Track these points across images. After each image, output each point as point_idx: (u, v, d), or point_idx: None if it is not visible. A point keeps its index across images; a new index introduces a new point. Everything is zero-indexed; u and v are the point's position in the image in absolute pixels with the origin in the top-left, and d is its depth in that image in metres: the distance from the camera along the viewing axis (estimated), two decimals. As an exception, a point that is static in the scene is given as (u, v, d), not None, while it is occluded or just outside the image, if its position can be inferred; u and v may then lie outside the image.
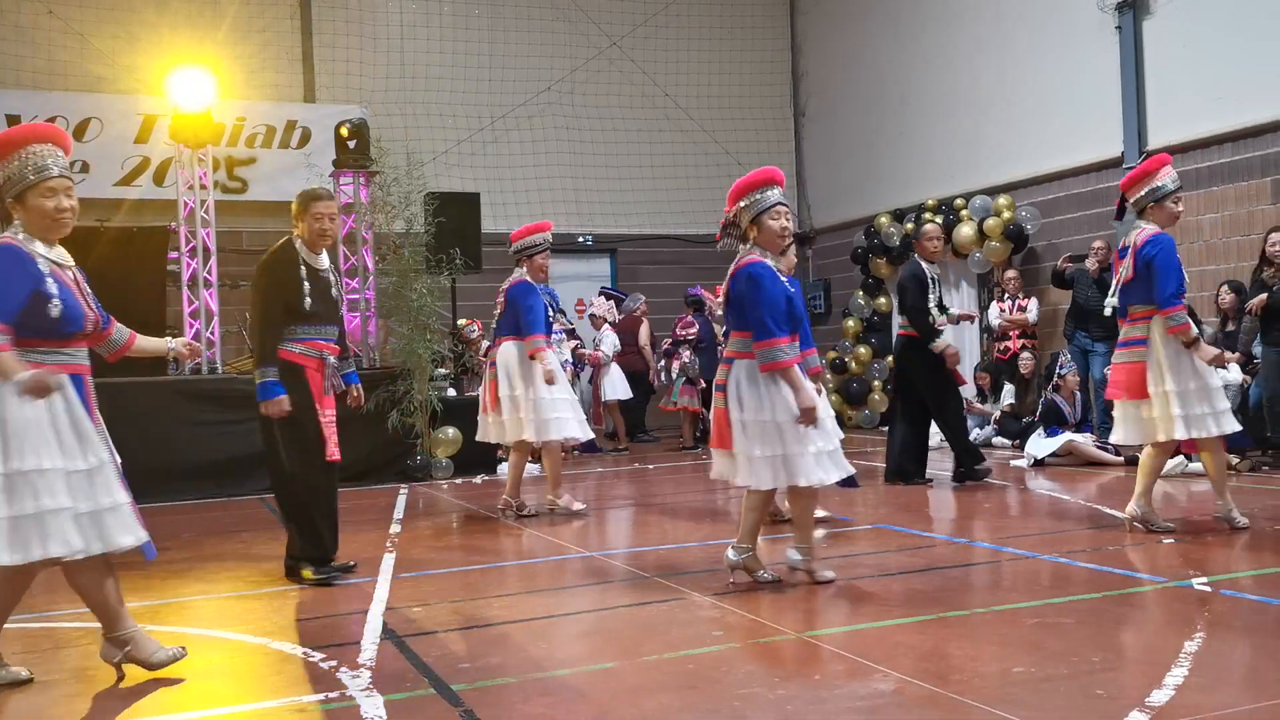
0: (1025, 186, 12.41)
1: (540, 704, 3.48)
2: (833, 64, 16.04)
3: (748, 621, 4.38)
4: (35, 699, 3.75)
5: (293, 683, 3.84)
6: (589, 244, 15.36)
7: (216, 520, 8.06)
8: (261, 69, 13.30)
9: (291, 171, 12.77)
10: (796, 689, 3.48)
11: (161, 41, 12.38)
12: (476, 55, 14.67)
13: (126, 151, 12.38)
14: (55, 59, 12.46)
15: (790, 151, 16.64)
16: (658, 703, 3.49)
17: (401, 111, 13.77)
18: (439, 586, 5.42)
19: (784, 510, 6.31)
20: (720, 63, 16.08)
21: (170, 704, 3.74)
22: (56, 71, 12.44)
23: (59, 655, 4.34)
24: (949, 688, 3.39)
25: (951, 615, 4.38)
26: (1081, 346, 10.77)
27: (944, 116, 13.73)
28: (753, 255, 5.00)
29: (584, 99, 15.25)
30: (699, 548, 6.22)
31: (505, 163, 14.65)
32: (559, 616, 4.77)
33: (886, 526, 6.65)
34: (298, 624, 4.69)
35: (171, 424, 9.24)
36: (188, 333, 10.51)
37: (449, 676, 3.78)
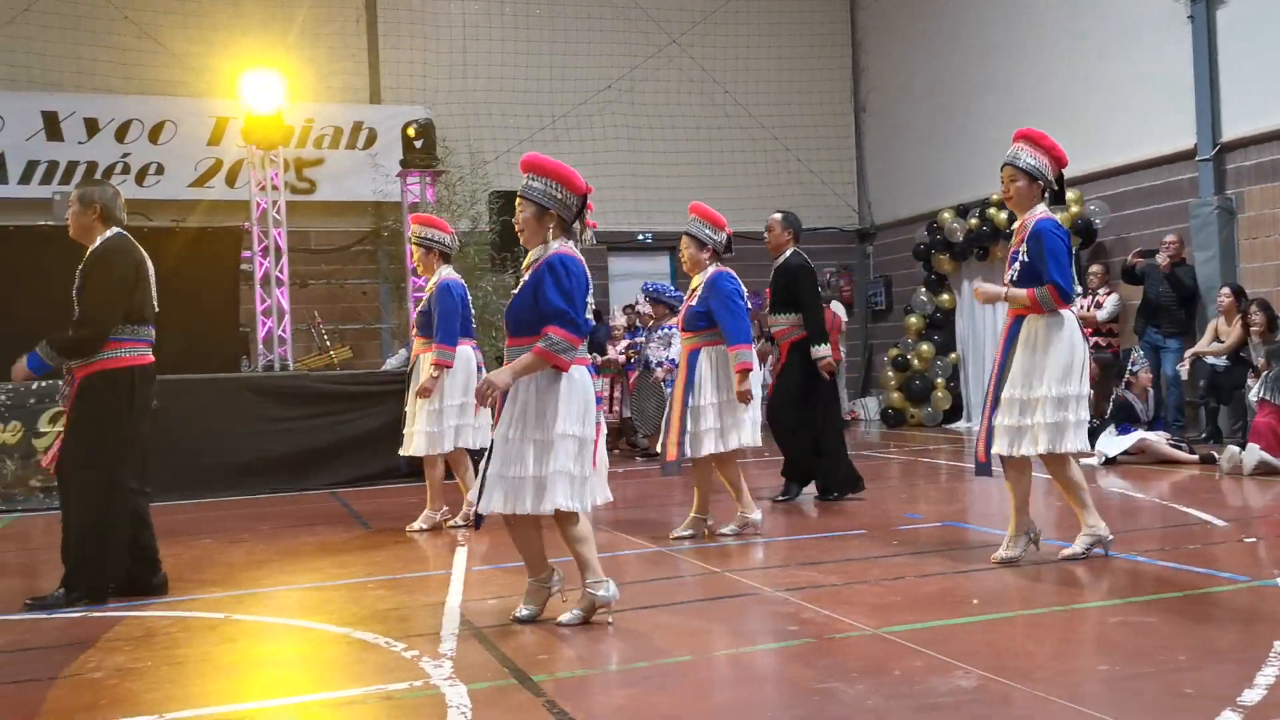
0: (1093, 180, 12.23)
1: (620, 696, 3.52)
2: (894, 59, 15.92)
3: (822, 617, 4.38)
4: (130, 685, 3.86)
5: (377, 671, 3.92)
6: (648, 242, 15.40)
7: (290, 514, 8.21)
8: (329, 72, 13.51)
9: (358, 172, 13.00)
10: (876, 684, 3.48)
11: (233, 45, 12.63)
12: (537, 55, 14.77)
13: (199, 154, 12.65)
14: (130, 63, 12.76)
15: (850, 147, 16.56)
16: (736, 696, 3.51)
17: (464, 112, 13.91)
18: (512, 580, 5.47)
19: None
20: (779, 59, 16.03)
21: (261, 690, 3.83)
22: (131, 76, 12.74)
23: (151, 642, 4.45)
24: (1033, 685, 3.37)
25: (1030, 613, 4.35)
26: (1153, 343, 10.62)
27: (1008, 109, 13.55)
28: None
29: (643, 97, 15.29)
30: (767, 544, 6.23)
31: (566, 161, 14.59)
32: (631, 610, 4.79)
33: (955, 524, 6.61)
34: (377, 614, 4.77)
35: (243, 419, 9.42)
36: (260, 330, 10.74)
37: (529, 667, 3.83)
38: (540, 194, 4.38)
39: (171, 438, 9.10)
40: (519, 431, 4.26)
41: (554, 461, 4.23)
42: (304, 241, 12.58)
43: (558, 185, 4.38)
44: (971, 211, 13.37)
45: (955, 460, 10.30)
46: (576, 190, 4.41)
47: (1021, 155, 5.26)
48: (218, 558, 6.48)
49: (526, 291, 4.34)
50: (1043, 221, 5.15)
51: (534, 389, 4.27)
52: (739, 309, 6.30)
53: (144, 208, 11.99)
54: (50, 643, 4.51)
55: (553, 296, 4.23)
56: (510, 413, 4.29)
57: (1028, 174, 5.22)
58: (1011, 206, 5.38)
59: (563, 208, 4.38)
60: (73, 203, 5.33)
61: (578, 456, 4.29)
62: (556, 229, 4.39)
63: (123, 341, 5.26)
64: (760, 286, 14.13)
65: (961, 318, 14.16)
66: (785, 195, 15.81)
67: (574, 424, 4.27)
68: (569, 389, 4.28)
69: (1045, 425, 5.07)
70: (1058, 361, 5.10)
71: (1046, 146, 5.27)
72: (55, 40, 12.51)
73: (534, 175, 4.40)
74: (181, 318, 10.01)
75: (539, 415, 4.25)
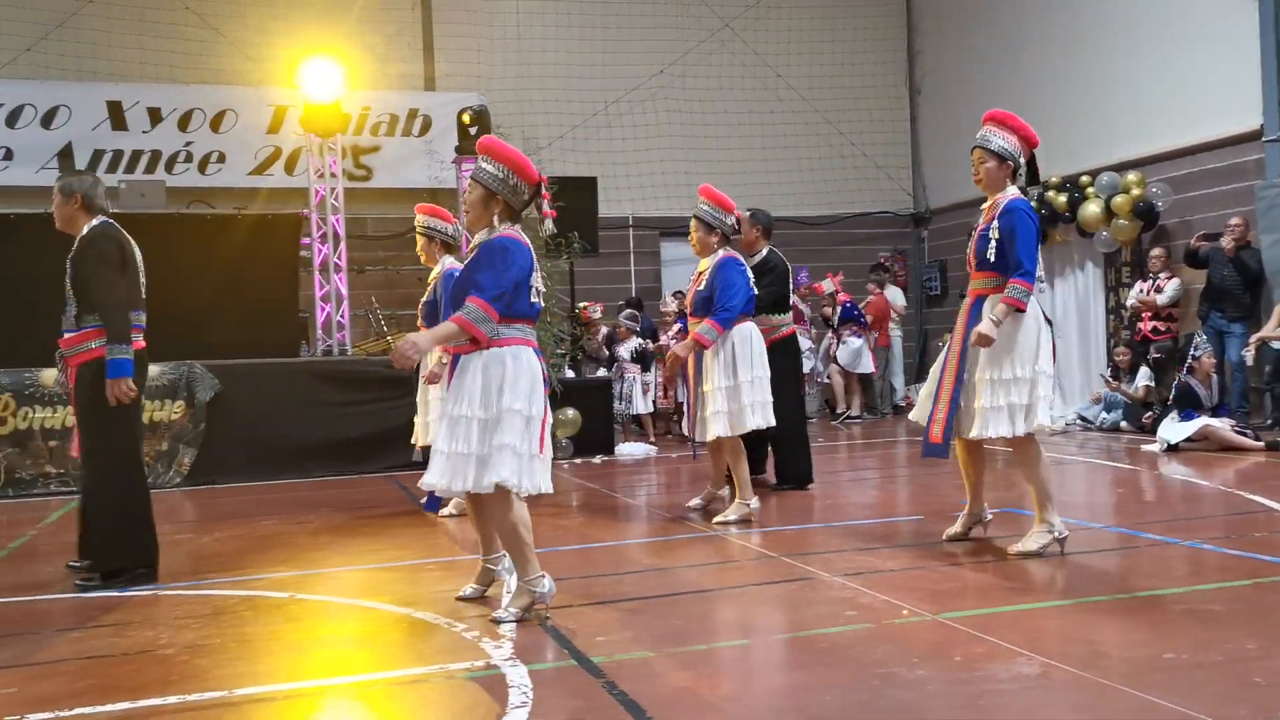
0: (1156, 162, 11.99)
1: (679, 678, 3.54)
2: (951, 40, 15.72)
3: (879, 602, 4.37)
4: (199, 662, 3.95)
5: (439, 651, 3.98)
6: (700, 227, 15.34)
7: (349, 496, 8.33)
8: (386, 59, 13.62)
9: (413, 159, 13.12)
10: (936, 670, 3.47)
11: (293, 34, 12.77)
12: (591, 40, 14.77)
13: (259, 142, 12.83)
14: (192, 53, 12.96)
15: (905, 131, 16.38)
16: (795, 680, 3.53)
17: (518, 98, 13.96)
18: (568, 562, 5.52)
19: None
20: (833, 42, 15.89)
21: (326, 668, 3.91)
22: (193, 65, 12.93)
23: (218, 620, 4.55)
24: (1097, 673, 3.35)
25: (1092, 600, 4.31)
26: (1216, 327, 10.42)
27: (1068, 91, 13.34)
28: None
29: (696, 81, 15.24)
30: (821, 529, 6.22)
31: (619, 147, 14.74)
32: (689, 594, 4.82)
33: (1015, 511, 6.55)
34: (436, 595, 4.84)
35: (303, 404, 9.56)
36: (319, 316, 10.88)
37: (587, 649, 3.86)
38: (489, 177, 4.34)
39: (233, 421, 9.31)
40: (465, 408, 4.21)
41: (499, 436, 4.17)
42: (361, 228, 12.71)
43: (509, 171, 4.35)
44: (1029, 194, 13.16)
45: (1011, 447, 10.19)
46: (528, 179, 4.39)
47: (992, 138, 5.27)
48: (280, 539, 6.60)
49: (464, 271, 4.35)
50: (1015, 201, 5.18)
51: (479, 366, 4.22)
52: (736, 300, 6.36)
53: (206, 195, 12.22)
54: (122, 620, 4.63)
55: (478, 274, 4.21)
56: (457, 390, 4.26)
57: (998, 155, 5.24)
58: (982, 188, 5.37)
59: (511, 193, 4.35)
60: (55, 195, 5.42)
61: (524, 433, 4.21)
62: (502, 213, 4.35)
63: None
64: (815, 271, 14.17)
65: (1019, 303, 13.97)
66: (838, 179, 15.73)
67: (521, 400, 4.20)
68: (515, 366, 4.23)
69: (1020, 406, 5.10)
70: (1026, 342, 5.12)
71: (1015, 127, 5.29)
72: (119, 31, 12.74)
73: (487, 159, 4.38)
74: (243, 304, 10.24)
75: (484, 391, 4.21)
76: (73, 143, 12.23)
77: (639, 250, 14.84)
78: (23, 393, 8.74)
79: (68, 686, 3.67)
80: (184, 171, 12.54)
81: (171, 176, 12.23)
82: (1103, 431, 10.95)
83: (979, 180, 5.32)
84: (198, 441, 9.24)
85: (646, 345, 12.60)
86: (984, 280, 5.28)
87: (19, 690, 3.65)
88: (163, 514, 7.81)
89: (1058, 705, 3.14)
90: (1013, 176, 5.28)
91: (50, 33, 12.46)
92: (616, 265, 13.65)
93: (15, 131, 12.06)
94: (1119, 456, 9.08)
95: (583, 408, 10.39)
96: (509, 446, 4.17)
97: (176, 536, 6.86)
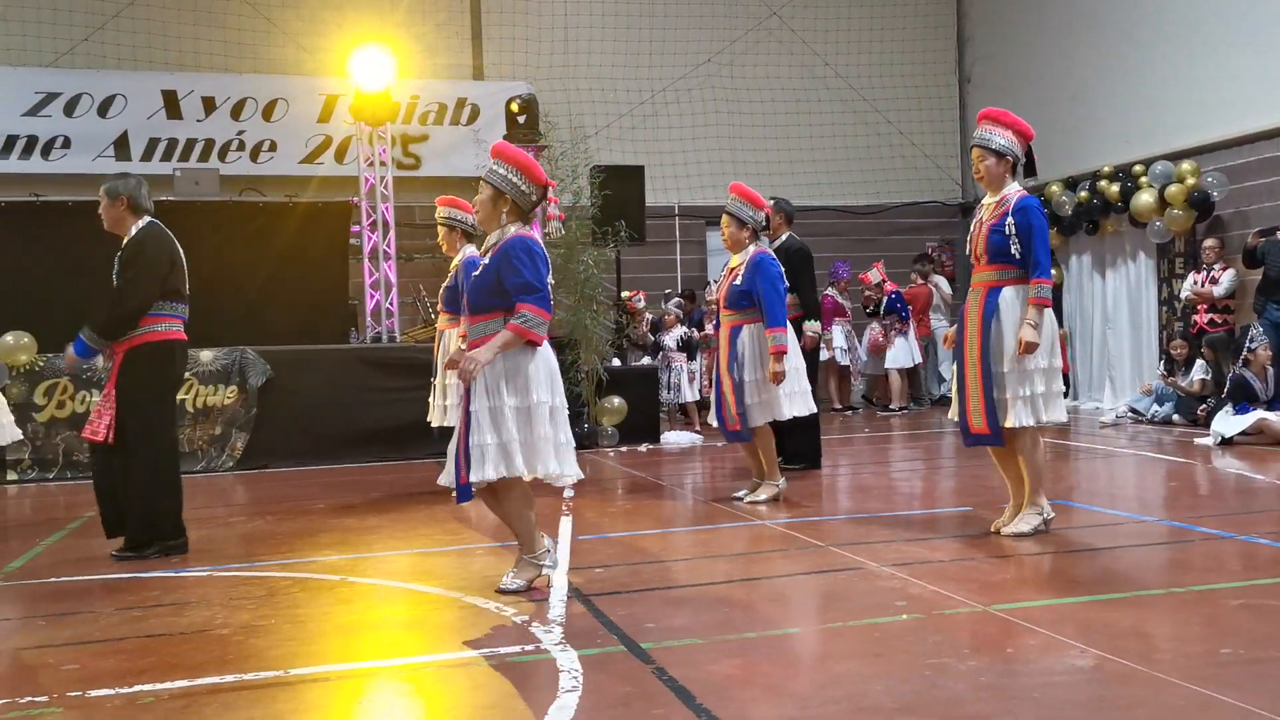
0: (1211, 151, 11.78)
1: (729, 665, 3.55)
2: (1001, 27, 15.52)
3: (930, 593, 4.35)
4: (255, 642, 4.02)
5: (489, 635, 4.02)
6: (747, 216, 15.30)
7: (398, 482, 8.41)
8: (434, 49, 13.69)
9: (461, 147, 13.18)
10: (988, 661, 3.45)
11: (344, 23, 12.87)
12: (638, 29, 14.76)
13: (310, 131, 12.94)
14: (245, 43, 13.09)
15: (954, 119, 16.21)
16: (846, 669, 3.52)
17: (565, 87, 13.97)
18: (616, 549, 5.56)
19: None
20: (882, 30, 15.75)
21: (378, 650, 3.96)
22: (246, 55, 13.07)
23: (272, 602, 4.63)
24: (1152, 667, 3.32)
25: (1147, 594, 4.27)
26: (1273, 319, 10.22)
27: (1121, 78, 13.14)
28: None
29: (743, 70, 15.17)
30: (870, 519, 6.19)
31: (665, 135, 14.72)
32: (737, 582, 4.83)
33: (1067, 503, 6.48)
34: (485, 580, 4.88)
35: (353, 390, 9.66)
36: (368, 303, 10.99)
37: (637, 635, 3.88)
38: (500, 179, 4.53)
39: (285, 406, 9.44)
40: (498, 401, 4.40)
41: (538, 427, 4.42)
42: (409, 216, 12.79)
43: (518, 173, 4.54)
44: (1081, 184, 13.01)
45: (1060, 439, 10.09)
46: (537, 181, 4.58)
47: (992, 136, 5.44)
48: (331, 522, 6.68)
49: (489, 273, 4.48)
50: (1027, 199, 5.36)
51: (502, 361, 4.41)
52: (782, 294, 6.62)
53: (258, 184, 12.35)
54: (180, 600, 4.71)
55: (524, 276, 4.38)
56: (484, 385, 4.42)
57: (997, 153, 5.41)
58: (983, 184, 5.53)
59: (519, 194, 4.53)
60: (101, 198, 5.70)
61: (552, 422, 4.46)
62: (511, 214, 4.54)
63: (163, 317, 5.61)
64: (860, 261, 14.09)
65: (1069, 293, 13.82)
66: (886, 168, 15.60)
67: (545, 392, 4.45)
68: (535, 360, 4.45)
69: (1040, 395, 5.30)
70: (1045, 336, 5.30)
71: (1010, 123, 5.47)
72: (174, 21, 12.90)
73: (498, 161, 4.58)
74: (294, 291, 10.38)
75: (512, 385, 4.42)
76: (128, 131, 12.41)
77: (685, 239, 14.82)
78: (80, 376, 8.91)
79: (129, 664, 3.75)
80: (236, 160, 12.69)
81: (225, 165, 12.37)
82: (1154, 424, 10.80)
83: (980, 177, 5.51)
84: (250, 426, 9.38)
85: (692, 334, 12.61)
86: (996, 273, 5.42)
87: (81, 667, 3.74)
88: (215, 497, 8.00)
89: (1114, 699, 3.11)
90: (1012, 172, 5.46)
91: (107, 23, 12.65)
92: (663, 254, 13.63)
93: (73, 120, 12.26)
94: (1171, 450, 8.96)
95: (629, 396, 10.43)
96: (548, 439, 4.43)
97: (230, 519, 6.98)
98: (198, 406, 9.28)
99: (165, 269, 5.59)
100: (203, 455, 9.30)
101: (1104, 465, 8.41)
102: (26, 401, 8.83)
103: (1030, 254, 5.27)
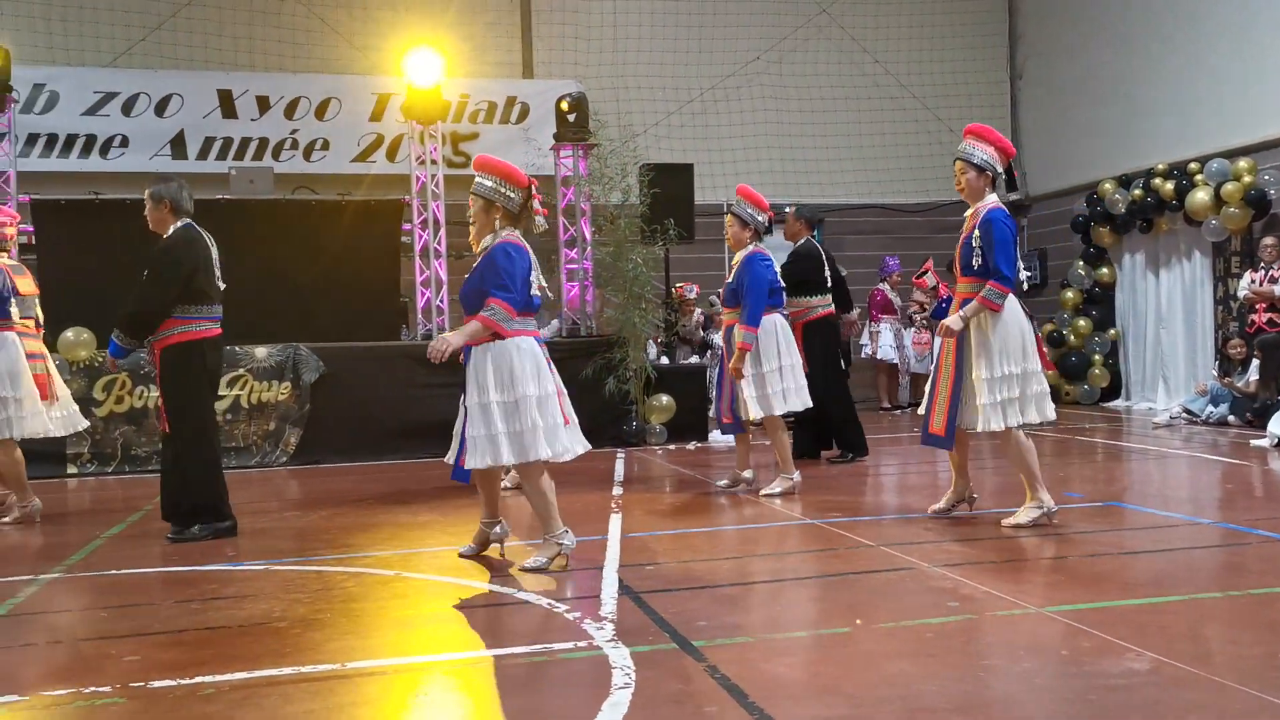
0: (1267, 149, 11.57)
1: (781, 664, 3.56)
2: (1054, 23, 15.33)
3: (981, 593, 4.33)
4: (312, 635, 4.09)
5: (542, 631, 4.06)
6: (796, 214, 15.25)
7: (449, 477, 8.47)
8: (484, 47, 13.79)
9: (511, 146, 13.23)
10: (1043, 663, 3.44)
11: (396, 23, 13.01)
12: (686, 27, 14.76)
13: (362, 129, 13.08)
14: (299, 43, 13.27)
15: (1005, 116, 16.03)
16: (898, 669, 3.51)
17: (614, 85, 14.01)
18: (666, 547, 5.58)
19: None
20: (932, 26, 15.63)
21: (433, 645, 4.02)
22: (300, 55, 13.24)
23: (327, 596, 4.70)
24: (1210, 670, 3.28)
25: (1203, 597, 4.22)
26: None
27: (1176, 74, 12.94)
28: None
29: (791, 68, 15.12)
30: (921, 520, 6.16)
31: (714, 134, 14.71)
32: (788, 580, 4.84)
33: (1119, 504, 6.42)
34: (538, 577, 4.92)
35: (403, 385, 9.76)
36: (419, 300, 11.09)
37: (688, 633, 3.90)
38: (489, 190, 5.00)
39: (337, 403, 9.56)
40: (486, 397, 4.88)
41: (526, 418, 4.86)
42: (460, 214, 12.80)
43: (503, 182, 4.99)
44: (1135, 182, 12.83)
45: (1113, 440, 9.98)
46: (519, 184, 5.01)
47: (974, 151, 5.71)
48: (384, 517, 6.77)
49: (476, 275, 4.97)
50: (993, 211, 5.61)
51: (489, 358, 4.90)
52: (763, 293, 6.94)
53: (311, 182, 12.51)
54: (237, 593, 4.80)
55: (500, 278, 4.86)
56: (475, 382, 4.94)
57: (978, 167, 5.69)
58: (965, 197, 5.79)
59: (506, 200, 4.99)
60: (147, 200, 6.13)
61: (541, 410, 4.89)
62: (503, 219, 5.01)
63: (190, 319, 6.00)
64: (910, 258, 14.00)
65: (1122, 292, 13.65)
66: (935, 166, 15.45)
67: (532, 386, 4.88)
68: (519, 355, 4.90)
69: (1013, 400, 5.54)
70: (1009, 340, 5.55)
71: (992, 140, 5.75)
72: (229, 21, 13.10)
73: (484, 174, 5.02)
74: (346, 288, 10.49)
75: (499, 381, 4.89)
76: (185, 130, 12.61)
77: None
78: (138, 371, 9.08)
79: (189, 655, 3.83)
80: (290, 158, 12.86)
81: (278, 163, 12.52)
82: (1209, 425, 10.63)
83: (962, 190, 5.77)
84: (303, 422, 9.52)
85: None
86: (969, 285, 5.70)
87: (143, 658, 3.82)
88: (270, 492, 8.12)
89: (1172, 703, 3.08)
90: (993, 185, 5.73)
91: (164, 23, 12.87)
92: (712, 252, 13.59)
93: (131, 119, 12.48)
94: (1226, 451, 8.82)
95: (677, 394, 10.45)
96: (536, 427, 4.87)
97: (285, 514, 7.09)
98: (252, 402, 9.43)
99: (187, 273, 5.94)
100: (257, 450, 9.44)
101: (1157, 466, 8.31)
102: (86, 397, 9.01)
103: (989, 262, 5.54)
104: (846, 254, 14.39)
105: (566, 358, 10.33)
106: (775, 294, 7.07)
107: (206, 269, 6.05)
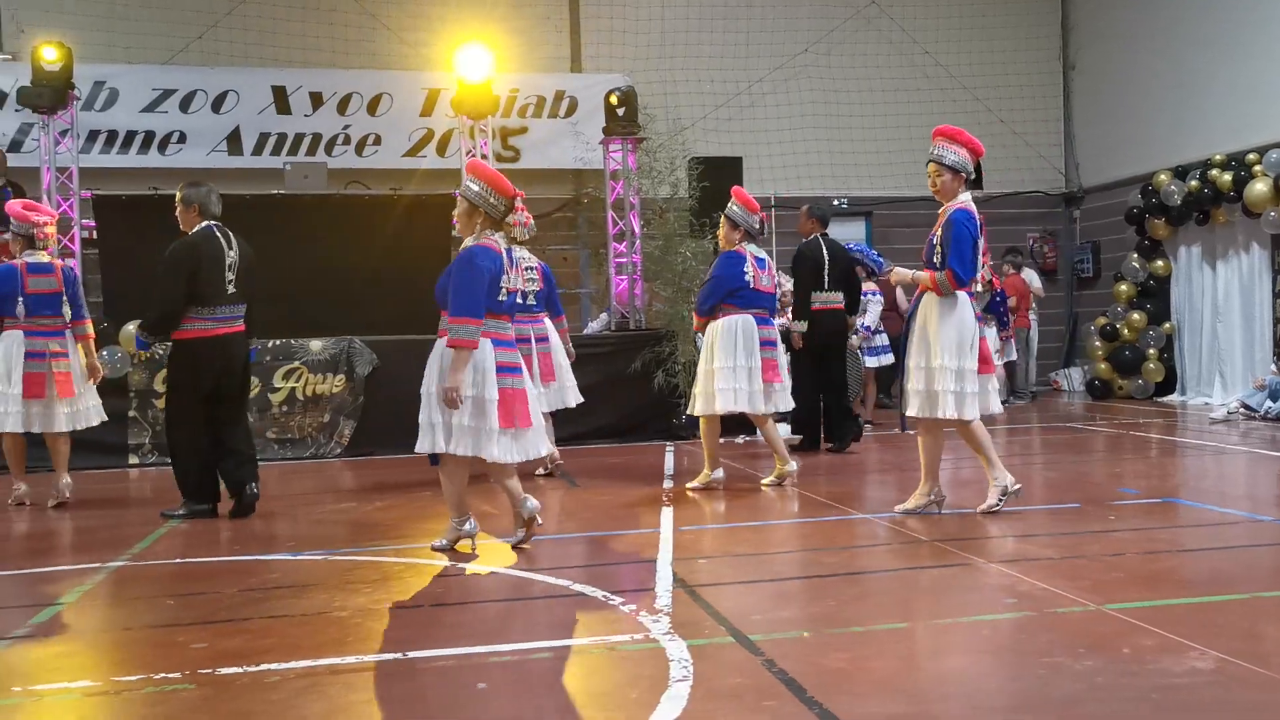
0: (1331, 139, 11.36)
1: (839, 659, 3.56)
2: (1107, 13, 15.11)
3: (1040, 590, 4.31)
4: (372, 625, 4.16)
5: (598, 623, 4.09)
6: (844, 207, 15.16)
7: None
8: (533, 42, 13.84)
9: (560, 140, 13.31)
10: (1104, 662, 3.41)
11: (446, 17, 13.10)
12: (734, 20, 14.71)
13: (413, 124, 13.19)
14: (351, 39, 13.41)
15: (1058, 107, 15.86)
16: (957, 665, 3.51)
17: (662, 78, 13.99)
18: (719, 540, 5.60)
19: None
20: (983, 17, 15.46)
21: (488, 636, 4.05)
22: (352, 51, 13.39)
23: (385, 586, 4.77)
24: (1275, 670, 3.25)
25: (1264, 596, 4.16)
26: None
27: (1232, 63, 12.70)
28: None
29: (840, 59, 15.03)
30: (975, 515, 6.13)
31: (762, 126, 14.66)
32: (842, 575, 4.83)
33: (1177, 501, 6.35)
34: (591, 569, 4.96)
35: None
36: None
37: (744, 626, 3.91)
38: (475, 195, 5.20)
39: (390, 395, 9.64)
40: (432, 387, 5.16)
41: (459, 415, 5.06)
42: (507, 208, 12.96)
43: (489, 189, 5.19)
44: (1191, 173, 12.63)
45: (1168, 435, 9.85)
46: (505, 193, 5.20)
47: (945, 153, 5.90)
48: (436, 509, 6.83)
49: (445, 275, 5.25)
50: (957, 212, 5.81)
51: (439, 354, 5.18)
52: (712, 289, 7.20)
53: (363, 176, 12.65)
54: (299, 582, 4.88)
55: (455, 284, 5.10)
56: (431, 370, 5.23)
57: (951, 169, 5.88)
58: (938, 197, 5.96)
59: (489, 207, 5.19)
60: (178, 203, 6.55)
61: (475, 413, 5.08)
62: (485, 223, 5.21)
63: (190, 319, 6.40)
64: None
65: (1177, 285, 13.44)
66: (987, 158, 15.04)
67: (468, 387, 5.06)
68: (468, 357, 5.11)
69: (947, 393, 5.68)
70: (948, 336, 5.72)
71: (963, 140, 5.94)
72: (284, 19, 13.25)
73: (472, 178, 5.25)
74: (398, 281, 10.56)
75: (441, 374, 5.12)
76: (240, 126, 12.80)
77: (782, 230, 14.75)
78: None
79: (254, 643, 3.90)
80: (342, 154, 13.00)
81: (331, 158, 12.66)
82: (1267, 421, 10.46)
83: (936, 191, 5.96)
84: (357, 414, 9.64)
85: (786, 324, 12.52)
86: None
87: (209, 645, 3.91)
88: (324, 485, 8.23)
89: (1237, 703, 3.06)
90: (965, 185, 5.93)
91: (220, 21, 13.04)
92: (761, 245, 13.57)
93: (188, 116, 12.68)
94: (1288, 448, 8.68)
95: (725, 388, 10.43)
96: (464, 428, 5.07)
97: (340, 505, 7.19)
98: (307, 395, 9.56)
99: (186, 275, 6.31)
100: (311, 442, 9.58)
101: (1214, 462, 8.20)
102: (147, 389, 9.19)
103: (945, 258, 5.75)
104: (895, 247, 14.31)
105: (615, 351, 10.41)
106: (739, 295, 7.15)
107: (210, 270, 6.33)
